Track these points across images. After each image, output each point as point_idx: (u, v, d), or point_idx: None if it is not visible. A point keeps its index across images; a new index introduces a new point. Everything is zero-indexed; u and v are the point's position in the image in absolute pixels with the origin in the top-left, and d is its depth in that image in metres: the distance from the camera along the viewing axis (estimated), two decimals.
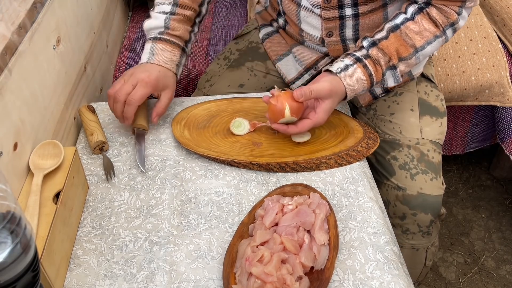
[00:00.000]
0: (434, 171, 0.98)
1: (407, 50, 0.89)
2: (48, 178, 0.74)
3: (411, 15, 0.89)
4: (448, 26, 0.89)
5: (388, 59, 0.88)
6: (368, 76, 0.88)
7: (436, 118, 1.03)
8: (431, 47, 0.90)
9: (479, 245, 1.55)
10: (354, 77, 0.87)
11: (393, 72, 0.90)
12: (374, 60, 0.88)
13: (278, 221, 0.73)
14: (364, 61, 0.88)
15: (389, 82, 0.92)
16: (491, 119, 1.53)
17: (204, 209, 0.82)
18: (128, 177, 0.88)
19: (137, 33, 1.53)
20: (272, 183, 0.87)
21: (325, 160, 0.88)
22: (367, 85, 0.89)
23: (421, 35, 0.89)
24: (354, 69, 0.87)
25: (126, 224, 0.80)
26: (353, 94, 0.89)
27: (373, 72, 0.88)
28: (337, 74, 0.87)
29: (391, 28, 0.89)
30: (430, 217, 0.99)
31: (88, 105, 1.00)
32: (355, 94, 0.90)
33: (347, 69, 0.88)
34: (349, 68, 0.88)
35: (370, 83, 0.89)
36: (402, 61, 0.90)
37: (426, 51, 0.90)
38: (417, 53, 0.89)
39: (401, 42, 0.89)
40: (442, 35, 0.90)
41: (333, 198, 0.83)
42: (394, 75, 0.91)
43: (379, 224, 0.78)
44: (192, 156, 0.92)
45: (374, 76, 0.89)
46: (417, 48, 0.89)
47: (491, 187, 1.73)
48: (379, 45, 0.89)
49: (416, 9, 0.90)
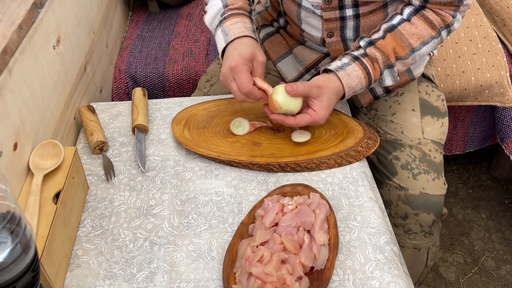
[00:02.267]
0: (436, 171, 0.99)
1: (404, 50, 0.90)
2: (48, 178, 0.74)
3: (407, 16, 0.91)
4: (444, 27, 0.91)
5: (386, 58, 0.89)
6: (366, 74, 0.89)
7: (438, 118, 1.03)
8: (427, 48, 0.91)
9: (479, 245, 1.55)
10: (352, 75, 0.88)
11: (390, 71, 0.91)
12: (371, 59, 0.89)
13: (278, 221, 0.73)
14: (362, 59, 0.89)
15: (387, 81, 0.92)
16: (491, 119, 1.53)
17: (204, 209, 0.82)
18: (128, 177, 0.88)
19: (137, 33, 1.53)
20: (272, 183, 0.87)
21: (325, 160, 0.88)
22: (365, 83, 0.89)
23: (417, 35, 0.90)
24: (352, 67, 0.88)
25: (126, 224, 0.80)
26: (352, 92, 0.89)
27: (371, 70, 0.89)
28: (335, 72, 0.88)
29: (387, 28, 0.90)
30: (432, 217, 0.99)
31: (88, 105, 1.00)
32: (353, 92, 0.90)
33: (345, 67, 0.88)
34: (347, 66, 0.88)
35: (368, 81, 0.89)
36: (399, 61, 0.91)
37: (422, 52, 0.91)
38: (413, 53, 0.90)
39: (397, 42, 0.89)
40: (437, 36, 0.91)
41: (333, 198, 0.83)
42: (391, 73, 0.91)
43: (379, 224, 0.78)
44: (192, 156, 0.92)
45: (372, 74, 0.89)
46: (414, 48, 0.90)
47: (491, 187, 1.73)
48: (376, 44, 0.89)
49: (412, 11, 0.91)
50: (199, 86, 1.17)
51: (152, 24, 1.59)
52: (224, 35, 0.92)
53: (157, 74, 1.37)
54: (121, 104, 1.06)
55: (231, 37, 0.90)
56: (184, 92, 1.39)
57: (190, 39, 1.50)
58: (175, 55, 1.42)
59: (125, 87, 1.36)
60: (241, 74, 0.85)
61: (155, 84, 1.37)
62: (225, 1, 0.97)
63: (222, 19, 0.94)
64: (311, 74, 1.10)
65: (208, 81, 1.16)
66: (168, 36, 1.52)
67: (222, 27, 0.93)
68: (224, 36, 0.92)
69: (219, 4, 0.97)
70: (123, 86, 1.36)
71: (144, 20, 1.61)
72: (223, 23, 0.94)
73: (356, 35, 0.99)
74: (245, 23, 0.93)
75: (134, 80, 1.36)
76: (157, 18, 1.63)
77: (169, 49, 1.46)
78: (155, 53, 1.44)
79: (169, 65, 1.39)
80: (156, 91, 1.38)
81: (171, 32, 1.54)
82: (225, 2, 0.97)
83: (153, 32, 1.55)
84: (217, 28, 0.95)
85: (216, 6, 0.97)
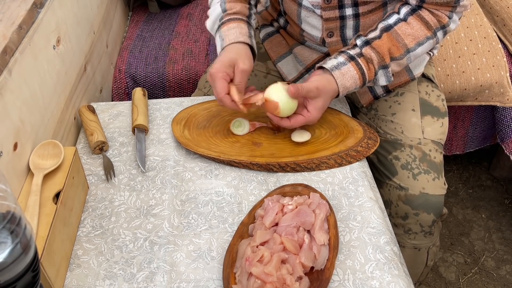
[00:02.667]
0: (436, 171, 0.99)
1: (399, 50, 0.90)
2: (48, 178, 0.74)
3: (404, 16, 0.91)
4: (439, 28, 0.91)
5: (381, 59, 0.90)
6: (361, 75, 0.89)
7: (438, 118, 1.03)
8: (422, 48, 0.92)
9: (479, 245, 1.55)
10: (347, 75, 0.88)
11: (385, 71, 0.92)
12: (367, 59, 0.89)
13: (278, 221, 0.73)
14: (357, 59, 0.89)
15: (381, 81, 0.93)
16: (491, 119, 1.53)
17: (204, 209, 0.82)
18: (128, 177, 0.88)
19: (137, 33, 1.53)
20: (272, 183, 0.87)
21: (325, 160, 0.88)
22: (359, 83, 0.90)
23: (413, 36, 0.90)
24: (347, 67, 0.88)
25: (126, 224, 0.79)
26: (345, 91, 0.90)
27: (366, 71, 0.89)
28: (330, 71, 0.88)
29: (384, 28, 0.91)
30: (432, 217, 0.99)
31: (88, 105, 1.00)
32: (347, 92, 0.91)
33: (340, 66, 0.88)
34: (342, 66, 0.88)
35: (363, 81, 0.90)
36: (394, 61, 0.91)
37: (417, 52, 0.92)
38: (408, 53, 0.91)
39: (393, 42, 0.90)
40: (433, 36, 0.91)
41: (333, 198, 0.83)
42: (386, 74, 0.92)
43: (379, 224, 0.78)
44: (192, 156, 0.92)
45: (367, 74, 0.90)
46: (409, 48, 0.91)
47: (491, 187, 1.73)
48: (372, 44, 0.90)
49: (408, 10, 0.91)
50: (199, 86, 1.17)
51: (152, 24, 1.59)
52: (221, 40, 0.94)
53: (157, 74, 1.37)
54: (121, 104, 1.06)
55: (225, 43, 0.93)
56: (184, 92, 1.39)
57: (190, 39, 1.50)
58: (175, 55, 1.42)
59: (125, 87, 1.36)
60: (216, 82, 0.87)
61: (155, 84, 1.37)
62: (224, 7, 0.98)
63: (220, 24, 0.96)
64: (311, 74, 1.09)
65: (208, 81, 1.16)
66: (168, 36, 1.52)
67: (220, 32, 0.95)
68: (221, 42, 0.94)
69: (219, 9, 0.99)
70: (123, 86, 1.36)
71: (144, 20, 1.61)
72: (220, 28, 0.96)
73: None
74: (241, 28, 0.94)
75: (134, 80, 1.36)
76: (157, 18, 1.63)
77: (169, 49, 1.46)
78: (155, 53, 1.44)
79: (169, 65, 1.39)
80: (156, 91, 1.38)
81: (171, 32, 1.54)
82: (224, 7, 0.98)
83: (153, 32, 1.55)
84: (216, 33, 0.97)
85: (216, 11, 0.99)
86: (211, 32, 1.01)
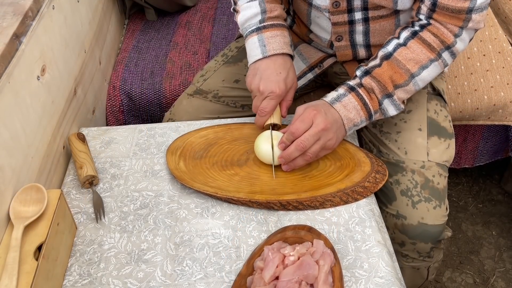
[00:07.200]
0: (438, 198, 0.93)
1: (402, 76, 0.87)
2: (30, 228, 0.68)
3: (404, 41, 0.88)
4: (444, 49, 0.87)
5: (383, 87, 0.87)
6: (363, 105, 0.87)
7: (445, 139, 0.98)
8: (427, 72, 0.88)
9: (489, 264, 1.50)
10: (349, 106, 0.87)
11: (391, 100, 0.88)
12: (367, 89, 0.88)
13: (279, 274, 0.67)
14: (357, 89, 0.88)
15: (390, 110, 0.90)
16: (503, 133, 1.46)
17: (200, 254, 0.76)
18: (119, 215, 0.83)
19: (133, 44, 1.47)
20: (273, 223, 0.81)
21: (329, 198, 0.82)
22: (363, 114, 0.88)
23: (414, 60, 0.87)
24: (348, 99, 0.87)
25: (115, 272, 0.74)
26: (351, 124, 0.88)
27: (368, 101, 0.87)
28: (331, 104, 0.86)
29: (384, 56, 0.88)
30: (430, 245, 0.95)
31: (78, 133, 0.95)
32: (353, 125, 0.88)
33: (341, 98, 0.87)
34: (343, 98, 0.87)
35: (367, 112, 0.88)
36: (399, 88, 0.88)
37: (423, 76, 0.88)
38: (413, 78, 0.88)
39: (395, 70, 0.87)
40: (437, 58, 0.87)
41: (338, 241, 0.78)
42: (393, 103, 0.89)
43: (387, 273, 0.73)
44: (187, 190, 0.87)
45: (370, 105, 0.87)
46: (412, 73, 0.87)
47: (502, 202, 1.67)
48: (372, 73, 0.88)
49: (409, 34, 0.88)
50: (193, 81, 1.13)
51: (149, 33, 1.53)
52: (261, 45, 0.91)
53: (153, 90, 1.30)
54: (113, 129, 1.00)
55: (269, 52, 0.90)
56: None
57: (188, 51, 1.44)
58: (172, 69, 1.36)
59: (119, 105, 1.30)
60: (274, 101, 0.88)
61: (151, 101, 1.31)
62: (264, 7, 0.93)
63: (261, 26, 0.92)
64: (314, 73, 1.07)
65: (203, 76, 1.12)
66: (166, 47, 1.46)
67: (261, 36, 0.92)
68: (261, 47, 0.91)
69: (257, 8, 0.94)
70: (118, 104, 1.30)
71: (140, 29, 1.55)
72: (262, 32, 0.92)
73: (366, 41, 0.96)
74: (285, 37, 0.92)
75: (129, 97, 1.30)
76: (154, 26, 1.56)
77: (166, 62, 1.39)
78: (152, 66, 1.38)
79: (166, 80, 1.32)
80: (152, 109, 1.32)
81: (169, 43, 1.48)
82: (263, 7, 0.93)
83: (149, 42, 1.48)
84: (253, 34, 0.93)
85: (253, 9, 0.94)
86: (240, 27, 0.96)
